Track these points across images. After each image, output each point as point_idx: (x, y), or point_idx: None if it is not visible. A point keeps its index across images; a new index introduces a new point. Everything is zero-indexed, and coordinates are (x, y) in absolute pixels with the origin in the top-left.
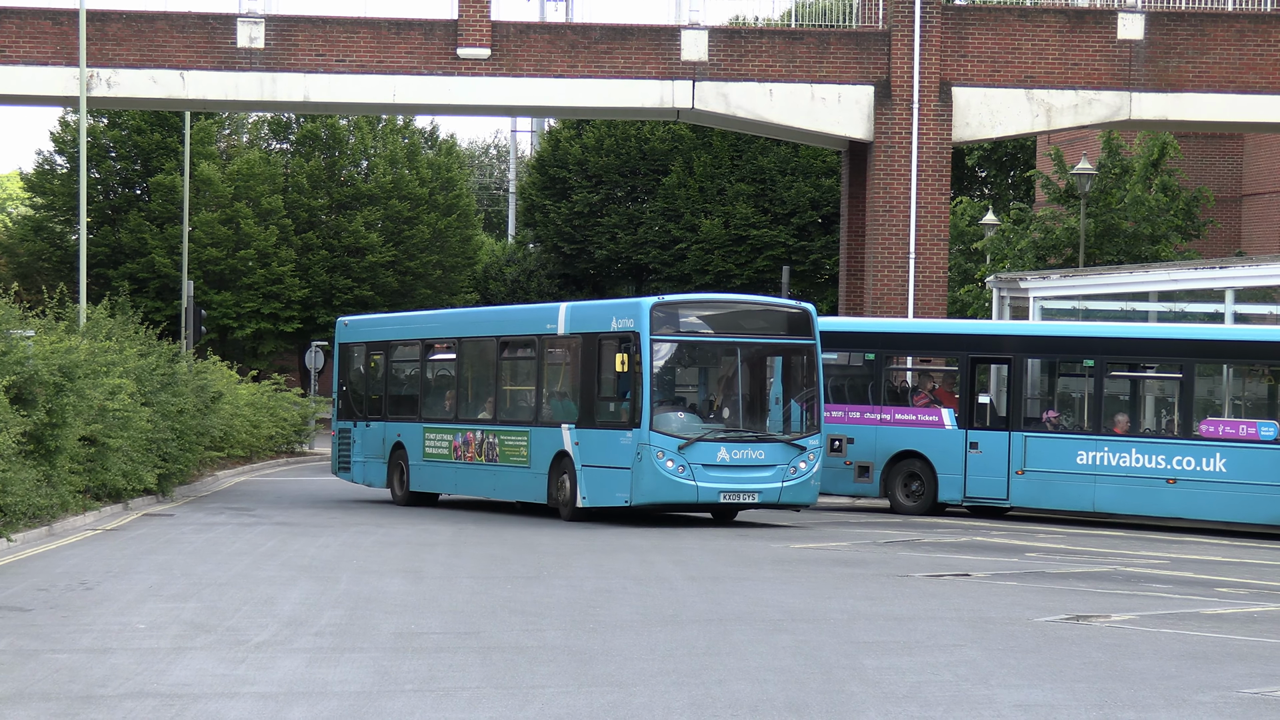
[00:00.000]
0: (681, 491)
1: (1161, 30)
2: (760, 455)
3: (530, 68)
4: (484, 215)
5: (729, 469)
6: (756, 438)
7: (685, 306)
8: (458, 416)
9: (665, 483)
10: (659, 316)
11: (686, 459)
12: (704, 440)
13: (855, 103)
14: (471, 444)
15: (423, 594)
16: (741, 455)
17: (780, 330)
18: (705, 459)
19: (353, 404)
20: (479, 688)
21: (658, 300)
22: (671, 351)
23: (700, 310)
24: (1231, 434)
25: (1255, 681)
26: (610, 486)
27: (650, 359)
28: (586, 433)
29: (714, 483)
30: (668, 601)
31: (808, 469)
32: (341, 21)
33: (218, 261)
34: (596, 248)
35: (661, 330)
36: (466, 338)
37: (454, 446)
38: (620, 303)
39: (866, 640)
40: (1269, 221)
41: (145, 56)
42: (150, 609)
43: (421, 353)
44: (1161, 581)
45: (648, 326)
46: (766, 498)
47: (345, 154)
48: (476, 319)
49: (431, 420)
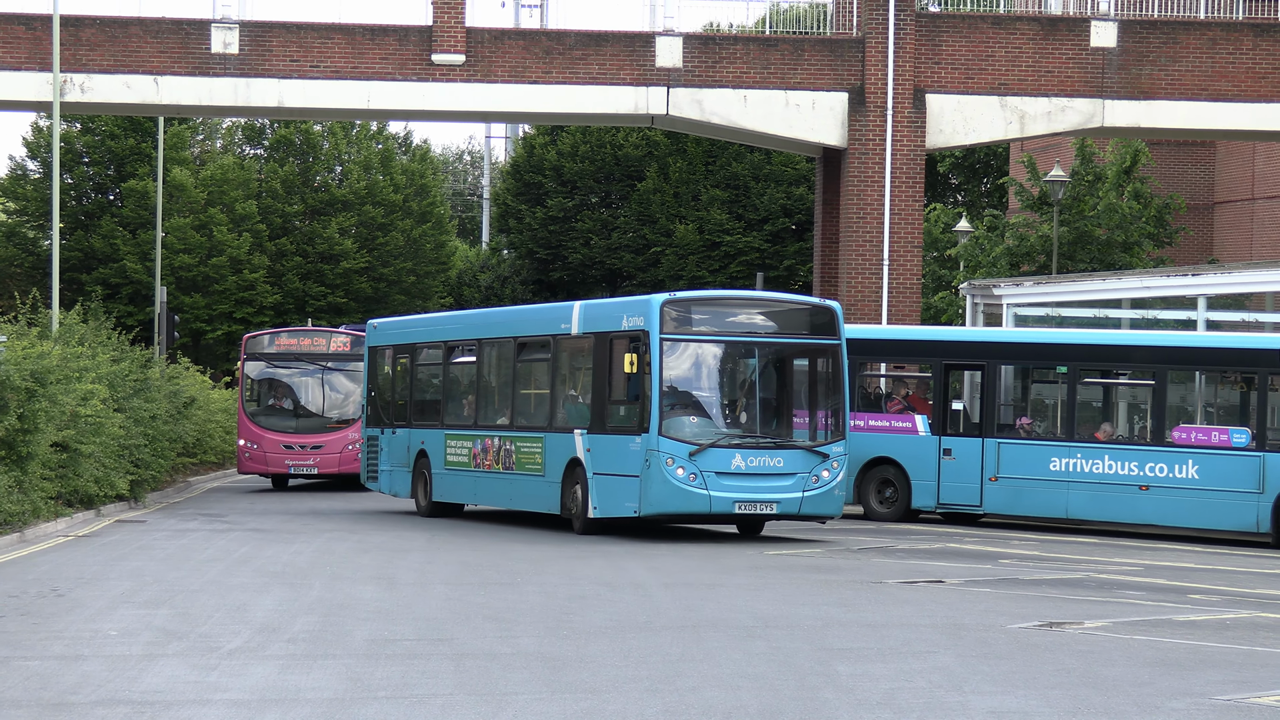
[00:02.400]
0: (693, 501)
1: (1134, 38)
2: (779, 463)
3: (505, 74)
4: (458, 221)
5: (745, 477)
6: (775, 444)
7: (699, 304)
8: (477, 422)
9: (675, 492)
10: (670, 314)
11: (698, 466)
12: (717, 446)
13: (829, 109)
14: (490, 451)
15: (396, 600)
16: (758, 463)
17: (802, 329)
18: (719, 466)
19: (380, 410)
20: (452, 694)
21: (669, 297)
22: (683, 352)
23: (715, 308)
24: (1204, 441)
25: (1228, 688)
26: (620, 496)
27: (660, 360)
28: (598, 438)
29: (728, 492)
30: (641, 608)
31: (830, 478)
32: (316, 27)
33: (190, 268)
34: (571, 253)
35: (672, 329)
36: (485, 339)
37: (474, 454)
38: (631, 300)
39: (840, 647)
40: (1240, 229)
41: (119, 62)
42: (122, 616)
43: (443, 356)
44: (1134, 588)
45: (657, 325)
46: (786, 508)
47: (319, 160)
48: (494, 320)
49: (453, 426)
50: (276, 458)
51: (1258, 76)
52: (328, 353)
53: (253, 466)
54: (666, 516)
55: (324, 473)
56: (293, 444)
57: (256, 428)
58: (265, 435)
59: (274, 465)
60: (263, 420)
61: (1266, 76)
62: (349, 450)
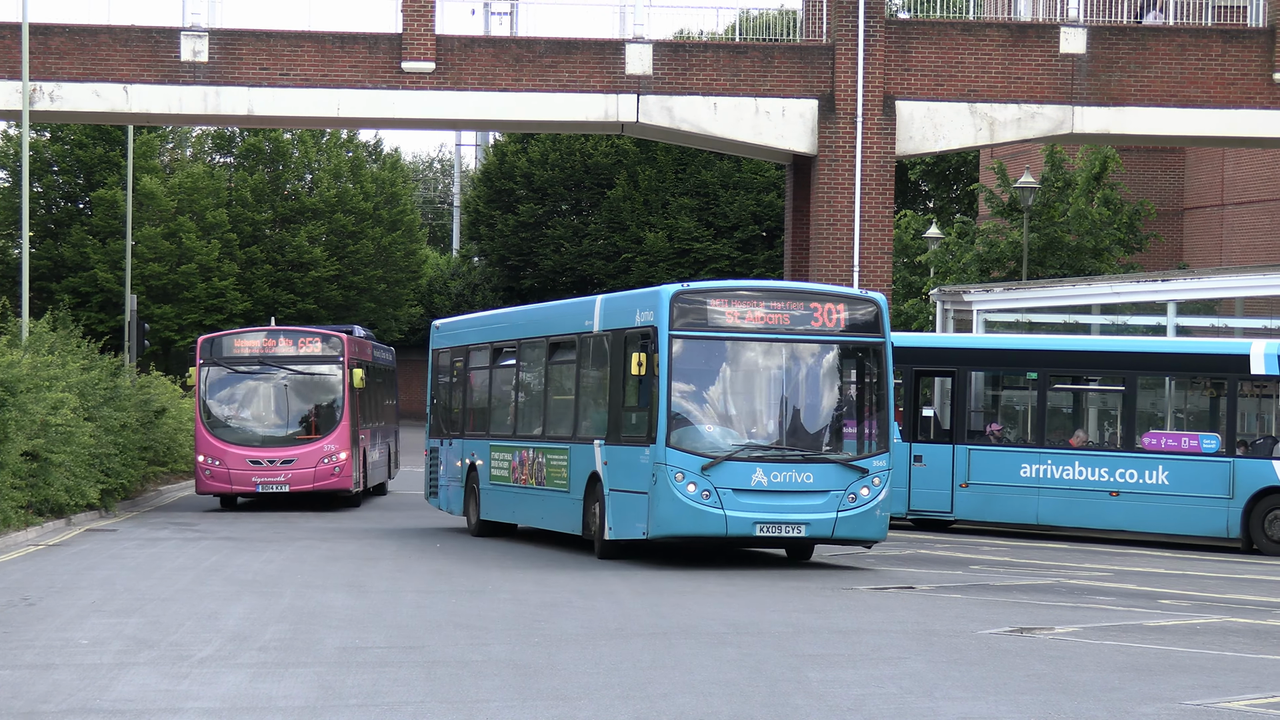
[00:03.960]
0: (705, 521)
1: (1103, 45)
2: (808, 479)
3: (475, 81)
4: (428, 229)
5: (767, 495)
6: (804, 457)
7: (716, 296)
8: (515, 432)
9: (685, 511)
10: (682, 308)
11: (712, 482)
12: (734, 460)
13: (799, 116)
14: (525, 464)
15: (367, 609)
16: (784, 478)
17: (839, 325)
18: (736, 482)
19: (440, 420)
20: (423, 702)
21: (681, 288)
22: (697, 351)
23: (735, 300)
24: (1174, 446)
25: (1197, 693)
26: (631, 515)
27: (669, 360)
28: (614, 450)
29: (747, 511)
30: (612, 615)
31: (870, 496)
32: (285, 35)
33: (160, 276)
34: (542, 259)
35: (684, 325)
36: (525, 340)
37: (513, 467)
38: (643, 292)
39: (811, 653)
40: (1210, 235)
41: (88, 70)
42: (93, 625)
43: (489, 359)
44: (1104, 594)
45: (667, 320)
46: (816, 531)
47: (289, 168)
48: (531, 319)
49: (496, 437)
50: (242, 474)
51: (1226, 83)
52: (296, 354)
53: (214, 485)
54: (676, 539)
55: (297, 490)
56: (260, 459)
57: (218, 441)
58: (229, 450)
59: (239, 483)
60: (224, 433)
61: (1235, 83)
62: (324, 465)
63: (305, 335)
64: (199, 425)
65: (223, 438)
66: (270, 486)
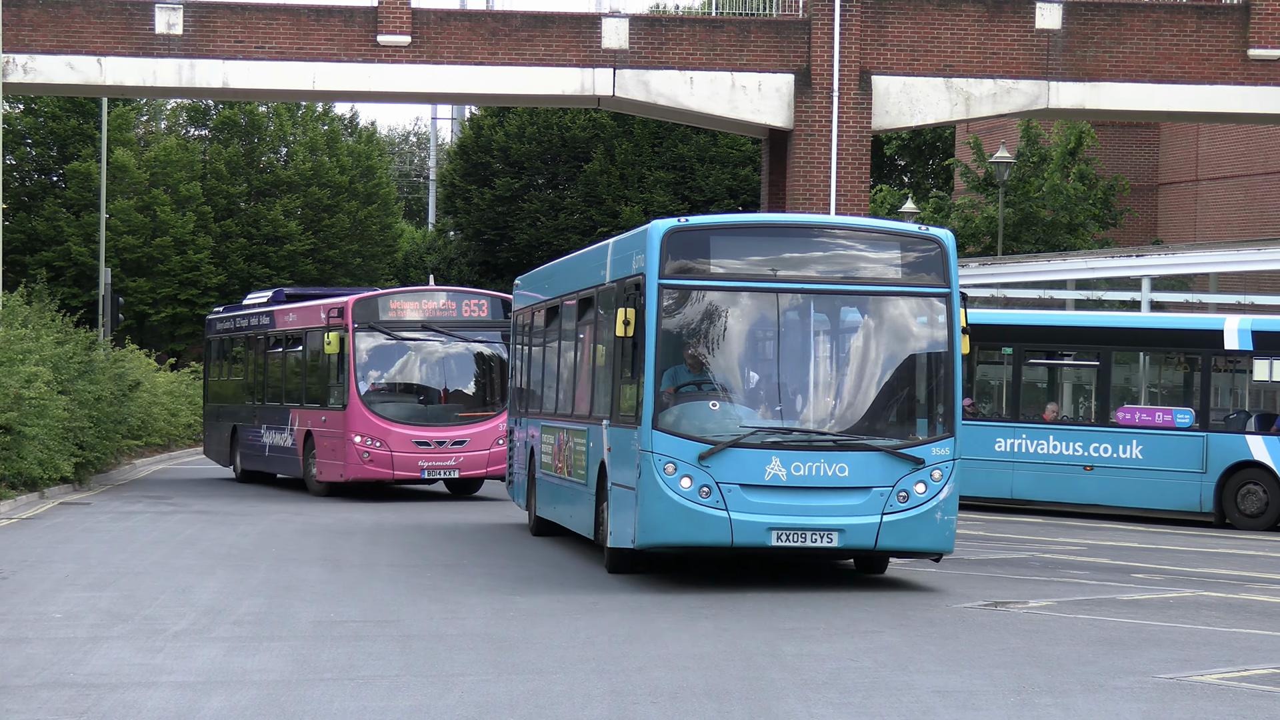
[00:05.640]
0: (703, 527)
1: (1079, 20)
2: (843, 470)
3: (451, 55)
4: (404, 203)
5: (787, 492)
6: (837, 443)
7: (723, 233)
8: (557, 409)
9: (676, 513)
10: (677, 250)
11: (713, 475)
12: (743, 446)
13: (775, 91)
14: (561, 449)
15: (342, 582)
16: (810, 470)
17: (888, 272)
18: (746, 476)
19: (514, 395)
20: (398, 675)
21: (676, 224)
22: (693, 304)
23: (747, 238)
24: (1148, 421)
25: (1171, 667)
26: (626, 518)
27: (658, 316)
28: (617, 433)
29: (761, 514)
30: (588, 589)
31: (927, 494)
32: (261, 8)
33: (134, 249)
34: (518, 234)
35: (678, 271)
36: (563, 296)
37: (554, 453)
38: (636, 232)
39: (786, 627)
40: (1184, 210)
41: (62, 42)
42: (67, 598)
43: (544, 320)
44: (1078, 568)
45: (656, 265)
46: (853, 540)
47: (264, 141)
48: (566, 270)
49: (546, 415)
50: (406, 458)
51: (1201, 58)
52: (459, 319)
53: (372, 471)
54: (667, 550)
55: (466, 475)
56: (429, 439)
57: (379, 419)
58: (391, 429)
59: (403, 468)
60: (385, 410)
61: (1210, 59)
62: (498, 448)
63: (471, 297)
64: (354, 399)
65: (384, 415)
66: (439, 472)
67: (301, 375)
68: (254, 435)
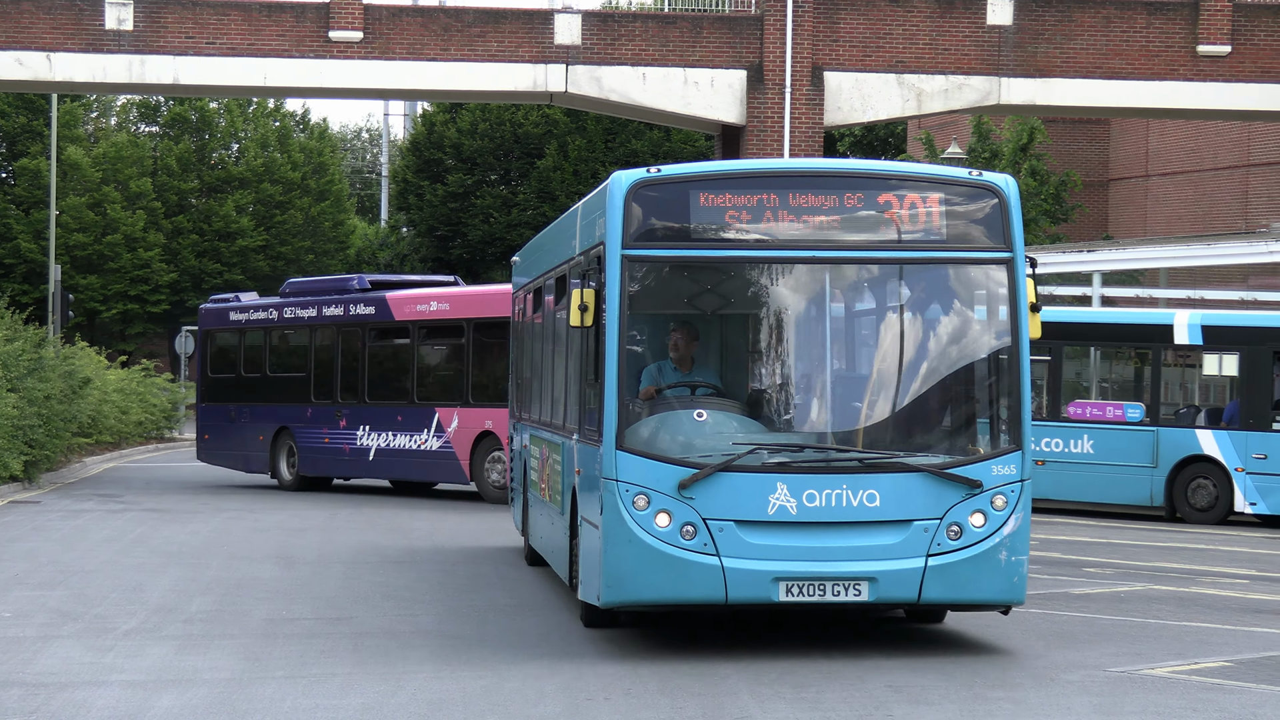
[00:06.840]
0: (688, 580)
1: (1030, 16)
2: (872, 499)
3: (403, 51)
4: (356, 199)
5: (800, 530)
6: (864, 462)
7: (707, 185)
8: (539, 416)
9: (651, 561)
10: (644, 207)
11: (699, 510)
12: (739, 469)
13: (728, 87)
14: (543, 466)
15: (294, 580)
16: (828, 499)
17: (928, 231)
18: (743, 509)
19: (510, 394)
20: (350, 673)
21: (643, 176)
22: (668, 281)
23: (740, 191)
24: (1099, 416)
25: (1122, 660)
26: (594, 563)
27: (620, 299)
28: (585, 451)
29: (763, 560)
30: (543, 585)
31: (988, 528)
32: (212, 3)
33: (85, 246)
34: (471, 230)
35: (647, 236)
36: (545, 274)
37: (539, 469)
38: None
39: (737, 623)
40: (1135, 205)
41: (10, 38)
42: (16, 597)
43: (532, 306)
44: (1030, 562)
45: (619, 229)
46: (889, 591)
47: (216, 137)
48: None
49: (533, 423)
50: None
51: (1151, 54)
52: None
53: None
54: (640, 608)
55: None
56: None
57: None
58: None
59: None
60: None
61: (1159, 55)
62: None
63: None
64: None
65: None
66: None
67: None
68: (336, 438)
